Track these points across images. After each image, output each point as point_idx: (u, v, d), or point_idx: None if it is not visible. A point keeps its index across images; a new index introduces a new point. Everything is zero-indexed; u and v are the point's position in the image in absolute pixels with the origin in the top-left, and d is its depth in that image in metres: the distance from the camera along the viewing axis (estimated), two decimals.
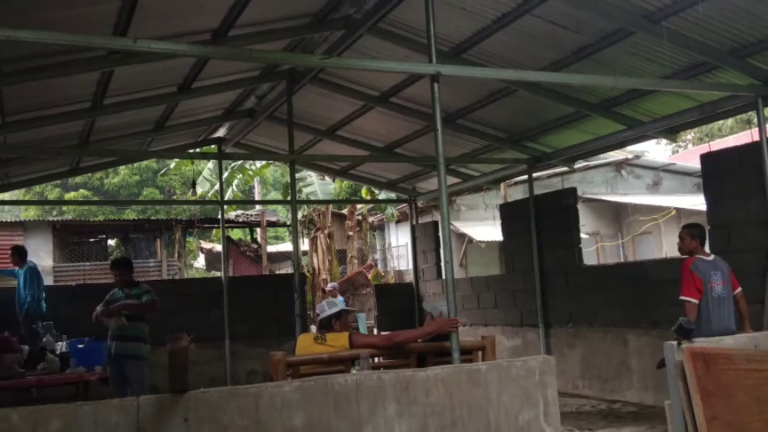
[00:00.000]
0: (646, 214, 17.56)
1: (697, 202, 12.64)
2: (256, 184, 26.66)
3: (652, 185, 19.39)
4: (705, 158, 7.62)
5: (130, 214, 28.76)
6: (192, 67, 7.57)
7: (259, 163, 19.69)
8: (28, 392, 7.70)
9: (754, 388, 5.21)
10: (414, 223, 13.24)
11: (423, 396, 4.28)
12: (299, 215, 18.86)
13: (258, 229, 23.47)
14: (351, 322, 5.80)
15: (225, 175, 16.33)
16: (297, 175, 11.70)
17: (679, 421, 5.39)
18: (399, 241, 21.63)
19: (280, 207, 28.91)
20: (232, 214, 21.98)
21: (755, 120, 6.81)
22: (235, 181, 19.51)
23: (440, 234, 12.06)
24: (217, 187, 14.90)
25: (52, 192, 31.27)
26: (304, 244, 20.51)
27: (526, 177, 10.43)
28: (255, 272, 21.06)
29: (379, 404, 4.17)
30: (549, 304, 9.78)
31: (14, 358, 7.27)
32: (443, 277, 5.70)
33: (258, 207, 24.02)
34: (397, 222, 21.22)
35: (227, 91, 8.99)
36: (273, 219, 24.57)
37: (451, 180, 11.23)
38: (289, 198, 10.01)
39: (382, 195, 17.20)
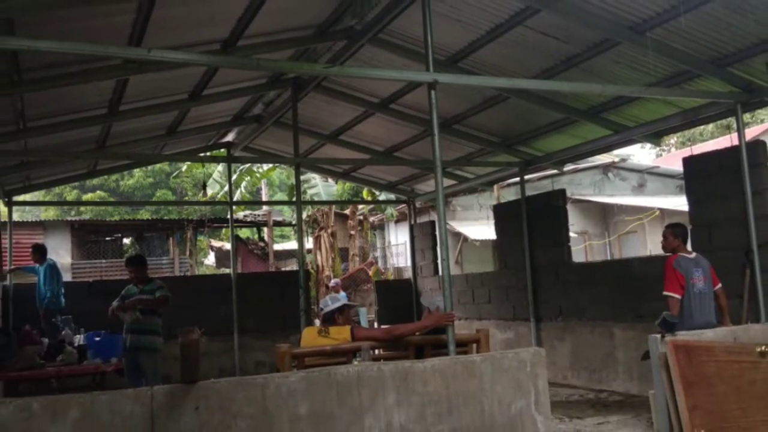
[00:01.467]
0: (631, 215, 17.57)
1: (679, 203, 12.65)
2: (263, 186, 26.63)
3: (637, 187, 19.40)
4: (687, 161, 7.62)
5: (144, 214, 28.74)
6: (203, 76, 7.56)
7: (266, 166, 19.68)
8: (48, 382, 7.71)
9: (734, 378, 5.22)
10: (412, 222, 13.24)
11: (421, 386, 4.28)
12: (304, 215, 18.81)
13: (265, 229, 23.47)
14: (353, 316, 5.81)
15: (234, 177, 16.33)
16: (302, 178, 11.69)
17: (662, 409, 5.40)
18: (398, 239, 21.64)
19: (285, 207, 28.88)
20: (240, 214, 21.99)
21: (735, 125, 6.81)
22: (244, 183, 19.50)
23: (437, 233, 12.09)
24: (226, 188, 14.92)
25: (70, 193, 31.26)
26: (309, 243, 20.51)
27: (518, 179, 10.43)
28: (262, 269, 21.04)
29: (379, 394, 4.17)
30: (540, 299, 9.78)
31: (35, 350, 7.28)
32: (440, 273, 5.70)
33: (265, 207, 24.01)
34: (397, 222, 21.23)
35: (236, 98, 8.99)
36: (279, 219, 24.58)
37: (448, 182, 11.22)
38: (294, 199, 10.01)
39: (382, 196, 17.19)
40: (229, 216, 12.59)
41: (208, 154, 12.40)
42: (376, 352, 5.02)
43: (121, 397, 3.67)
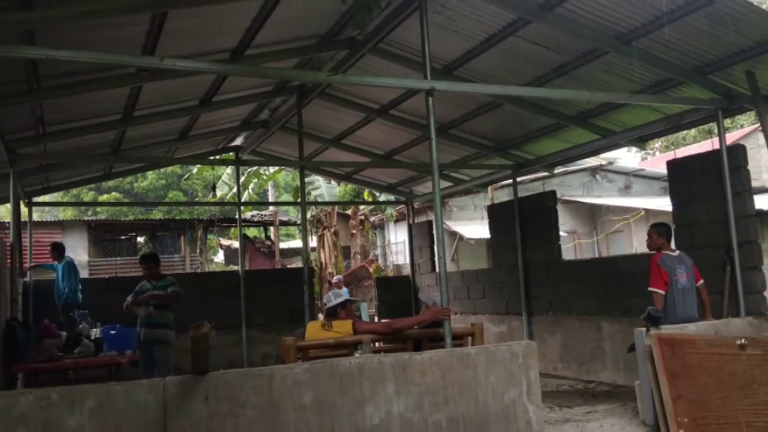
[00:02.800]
0: (618, 215, 17.56)
1: (663, 203, 12.63)
2: (269, 188, 26.63)
3: (623, 188, 19.39)
4: (671, 164, 7.61)
5: (157, 214, 28.71)
6: (212, 83, 7.57)
7: (272, 169, 19.70)
8: (65, 374, 7.71)
9: (715, 369, 5.22)
10: (411, 222, 13.23)
11: (419, 377, 4.29)
12: (308, 215, 18.84)
13: (271, 228, 23.48)
14: (354, 311, 5.81)
15: (242, 179, 16.34)
16: (306, 180, 11.71)
17: (647, 399, 5.40)
18: (397, 238, 21.62)
19: (291, 208, 28.88)
20: (248, 215, 21.99)
21: (716, 130, 6.81)
22: (251, 185, 19.50)
23: (434, 232, 12.09)
24: (234, 190, 14.90)
25: (87, 194, 31.24)
26: (313, 241, 20.50)
27: (511, 181, 10.43)
28: (269, 266, 21.04)
29: (379, 384, 4.17)
30: (531, 295, 9.78)
31: (53, 343, 7.28)
32: (437, 270, 5.71)
33: (271, 208, 23.99)
34: (396, 221, 21.21)
35: (244, 105, 8.99)
36: (285, 219, 24.59)
37: (444, 184, 11.22)
38: (299, 200, 10.00)
39: (382, 197, 17.20)
40: (237, 216, 12.59)
41: (217, 157, 12.40)
42: (377, 344, 5.02)
43: (136, 387, 3.67)
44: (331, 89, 8.67)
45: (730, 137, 15.23)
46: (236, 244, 20.30)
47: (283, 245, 24.63)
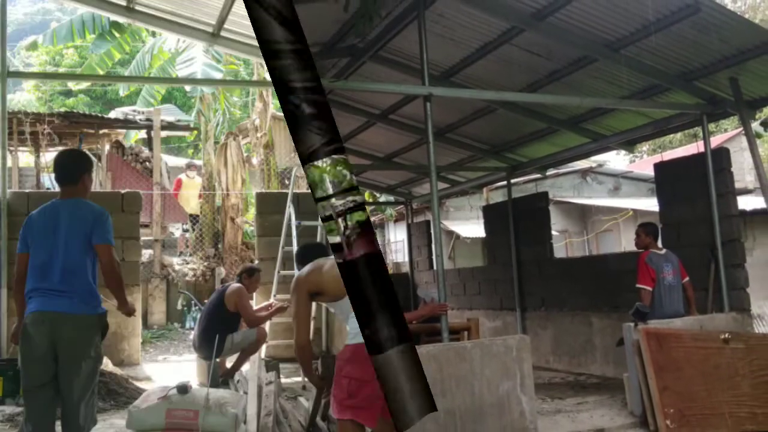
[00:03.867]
0: (607, 215, 17.56)
1: (651, 204, 12.64)
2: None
3: (612, 190, 19.39)
4: (658, 167, 7.62)
5: None
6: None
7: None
8: None
9: (700, 362, 5.24)
10: (409, 222, 13.22)
11: None
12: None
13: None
14: None
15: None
16: None
17: (635, 390, 5.42)
18: (397, 237, 21.62)
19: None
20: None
21: (701, 134, 6.81)
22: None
23: (432, 231, 12.08)
24: None
25: None
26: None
27: (505, 182, 10.42)
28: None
29: None
30: (525, 291, 9.78)
31: None
32: (434, 268, 5.70)
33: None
34: (395, 221, 21.19)
35: None
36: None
37: (441, 185, 11.22)
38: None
39: (382, 198, 17.16)
40: None
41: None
42: None
43: None
44: (333, 95, 8.66)
45: (715, 141, 15.20)
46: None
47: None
